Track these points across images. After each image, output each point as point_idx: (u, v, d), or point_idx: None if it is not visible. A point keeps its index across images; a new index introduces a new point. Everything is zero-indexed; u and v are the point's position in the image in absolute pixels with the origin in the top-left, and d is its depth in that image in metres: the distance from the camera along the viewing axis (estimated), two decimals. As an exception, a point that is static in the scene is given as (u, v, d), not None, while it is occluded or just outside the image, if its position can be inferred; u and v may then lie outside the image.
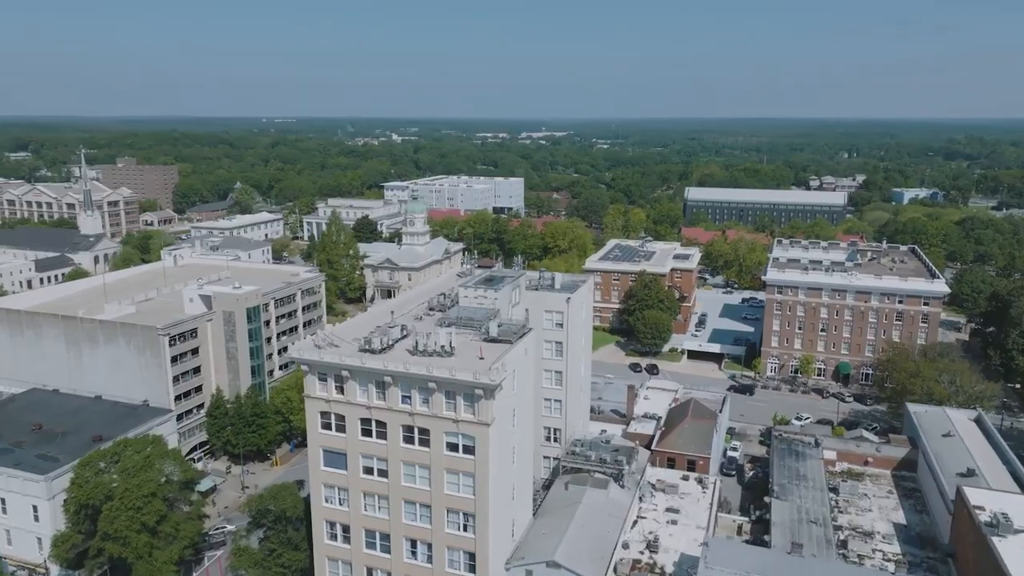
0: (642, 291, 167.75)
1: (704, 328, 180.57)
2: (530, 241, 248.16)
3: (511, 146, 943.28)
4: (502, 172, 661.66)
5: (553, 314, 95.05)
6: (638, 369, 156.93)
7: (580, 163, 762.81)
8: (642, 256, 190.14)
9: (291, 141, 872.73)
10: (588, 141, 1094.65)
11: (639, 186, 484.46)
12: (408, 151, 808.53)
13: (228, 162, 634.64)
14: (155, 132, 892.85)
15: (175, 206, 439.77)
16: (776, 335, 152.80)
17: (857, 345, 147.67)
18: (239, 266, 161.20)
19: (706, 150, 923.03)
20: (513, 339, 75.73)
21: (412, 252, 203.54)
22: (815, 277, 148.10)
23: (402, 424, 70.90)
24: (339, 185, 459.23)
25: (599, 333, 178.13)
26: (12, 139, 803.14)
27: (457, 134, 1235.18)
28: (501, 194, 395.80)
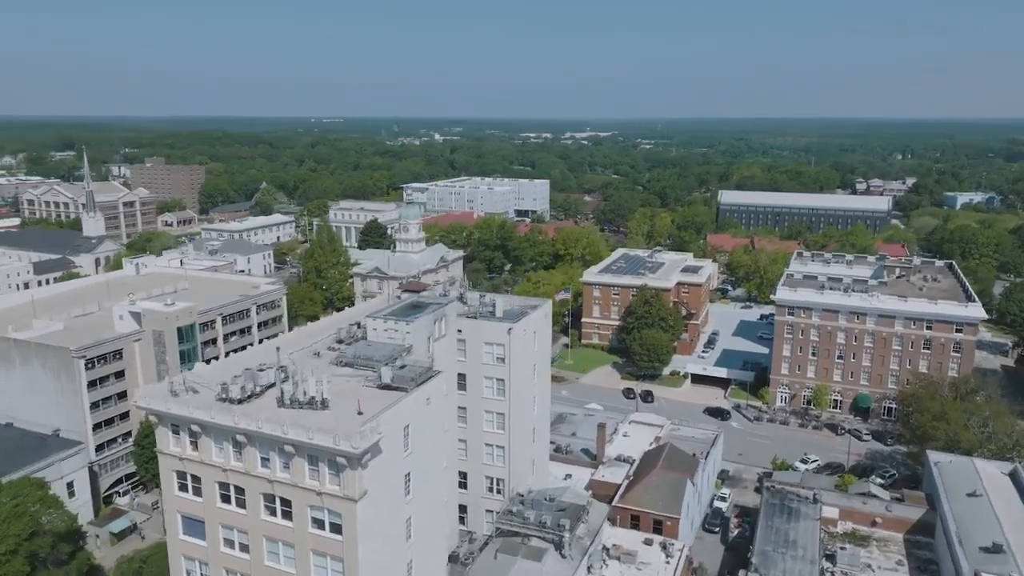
0: (641, 308, 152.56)
1: (713, 348, 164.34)
2: (539, 248, 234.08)
3: (551, 146, 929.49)
4: (538, 173, 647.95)
5: (493, 347, 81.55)
6: (631, 395, 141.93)
7: (620, 164, 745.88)
8: (648, 268, 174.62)
9: (330, 141, 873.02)
10: (631, 141, 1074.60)
11: (675, 188, 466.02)
12: (445, 151, 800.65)
13: (262, 162, 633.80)
14: (197, 132, 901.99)
15: (201, 206, 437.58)
16: (787, 361, 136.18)
17: (879, 375, 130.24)
18: (204, 276, 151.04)
19: (752, 151, 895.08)
20: (410, 386, 62.38)
21: (404, 260, 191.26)
22: (831, 298, 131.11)
23: (262, 492, 58.18)
24: (364, 186, 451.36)
25: (596, 352, 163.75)
26: (59, 139, 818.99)
27: (500, 134, 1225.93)
28: (525, 196, 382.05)
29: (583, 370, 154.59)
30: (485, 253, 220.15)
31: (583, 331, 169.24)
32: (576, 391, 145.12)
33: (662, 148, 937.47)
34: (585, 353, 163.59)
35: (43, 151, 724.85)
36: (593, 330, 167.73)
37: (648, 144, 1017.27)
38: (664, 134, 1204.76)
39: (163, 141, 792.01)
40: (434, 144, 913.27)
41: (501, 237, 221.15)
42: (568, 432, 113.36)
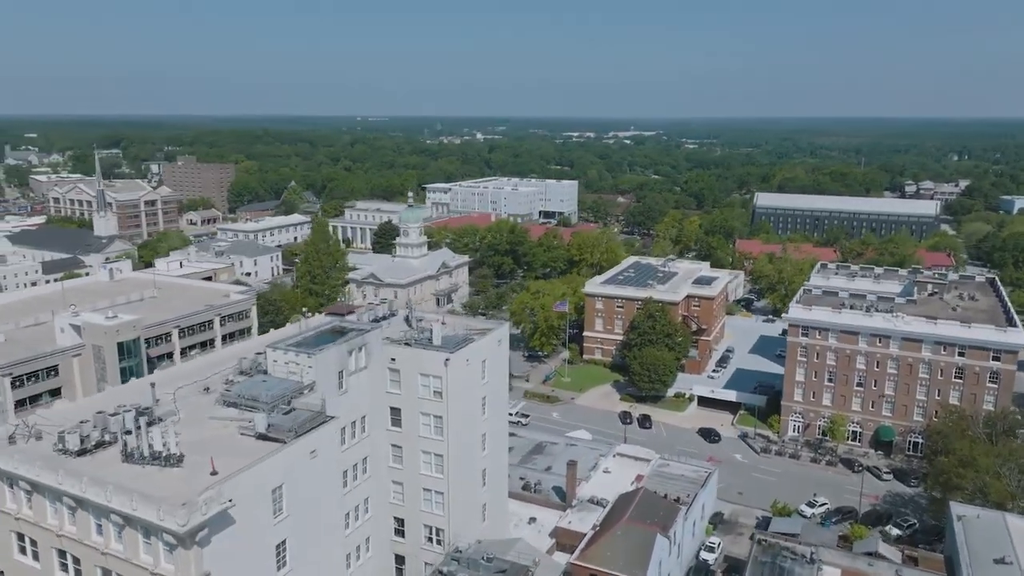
0: (645, 323, 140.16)
1: (726, 367, 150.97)
2: (553, 253, 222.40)
3: (592, 145, 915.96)
4: (575, 172, 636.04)
5: (430, 379, 70.90)
6: (627, 420, 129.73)
7: (660, 164, 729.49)
8: (659, 278, 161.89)
9: (369, 139, 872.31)
10: (675, 141, 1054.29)
11: (713, 190, 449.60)
12: (482, 150, 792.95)
13: (297, 160, 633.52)
14: (239, 130, 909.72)
15: (230, 205, 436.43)
16: (800, 387, 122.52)
17: (903, 406, 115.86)
18: (178, 283, 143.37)
19: (800, 151, 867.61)
20: (288, 437, 52.22)
21: (403, 266, 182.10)
22: (850, 318, 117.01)
23: (97, 565, 48.60)
24: (392, 185, 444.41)
25: (598, 370, 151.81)
26: (105, 136, 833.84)
27: (542, 134, 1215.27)
28: (552, 197, 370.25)
29: (580, 389, 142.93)
30: (494, 258, 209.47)
31: (585, 346, 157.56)
32: (568, 413, 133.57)
33: (706, 148, 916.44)
34: (585, 370, 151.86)
35: (89, 149, 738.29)
36: (596, 345, 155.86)
37: (692, 144, 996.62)
38: (710, 133, 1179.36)
39: (205, 139, 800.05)
40: (472, 143, 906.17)
41: (511, 242, 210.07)
42: (543, 465, 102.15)
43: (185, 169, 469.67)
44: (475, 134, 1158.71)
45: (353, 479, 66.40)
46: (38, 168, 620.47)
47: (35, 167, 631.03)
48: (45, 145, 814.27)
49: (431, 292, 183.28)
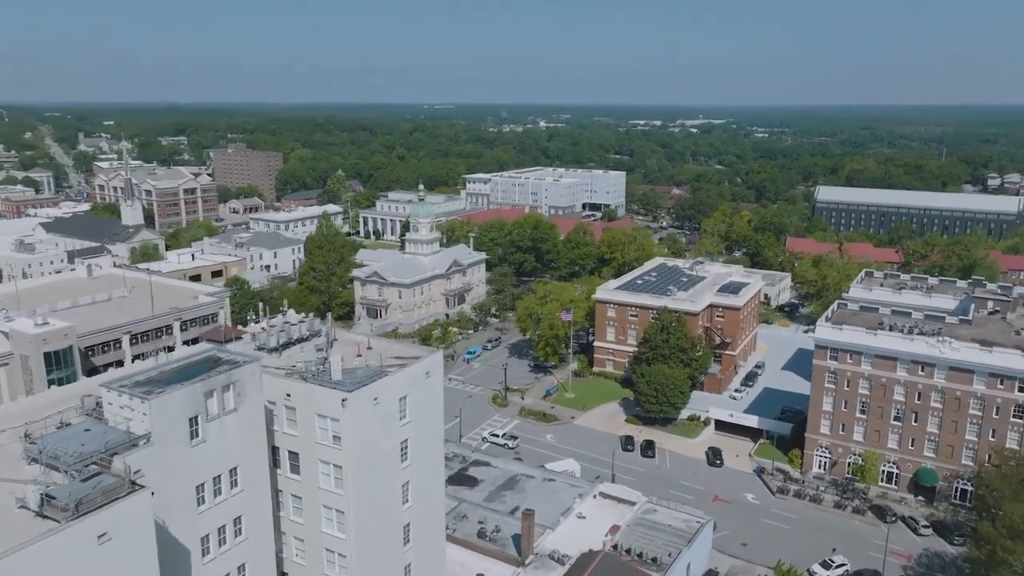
0: (657, 335, 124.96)
1: (752, 385, 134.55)
2: (582, 251, 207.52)
3: (655, 134, 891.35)
4: (634, 162, 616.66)
5: (327, 421, 58.87)
6: (629, 446, 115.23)
7: (725, 154, 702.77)
8: (682, 283, 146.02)
9: (428, 127, 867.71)
10: (745, 130, 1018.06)
11: (775, 182, 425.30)
12: (541, 139, 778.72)
13: (351, 149, 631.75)
14: (301, 118, 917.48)
15: (278, 193, 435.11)
16: (827, 418, 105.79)
17: (949, 447, 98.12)
18: (156, 282, 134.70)
19: (877, 140, 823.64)
20: (64, 519, 40.71)
21: (411, 264, 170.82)
22: (888, 341, 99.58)
23: None
24: (438, 175, 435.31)
25: (607, 384, 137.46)
26: (173, 124, 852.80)
27: (607, 122, 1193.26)
28: (597, 189, 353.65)
29: (583, 407, 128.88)
30: (515, 255, 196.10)
31: (595, 357, 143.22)
32: (564, 436, 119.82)
33: (776, 137, 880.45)
34: (593, 385, 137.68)
35: (157, 136, 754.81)
36: (607, 356, 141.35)
37: (762, 133, 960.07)
38: (782, 122, 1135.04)
39: (267, 127, 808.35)
40: (532, 131, 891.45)
41: (534, 238, 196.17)
42: (512, 505, 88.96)
43: (235, 157, 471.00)
44: (538, 122, 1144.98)
45: (219, 545, 54.83)
46: (105, 155, 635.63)
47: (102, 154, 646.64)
48: (117, 132, 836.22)
49: (441, 292, 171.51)
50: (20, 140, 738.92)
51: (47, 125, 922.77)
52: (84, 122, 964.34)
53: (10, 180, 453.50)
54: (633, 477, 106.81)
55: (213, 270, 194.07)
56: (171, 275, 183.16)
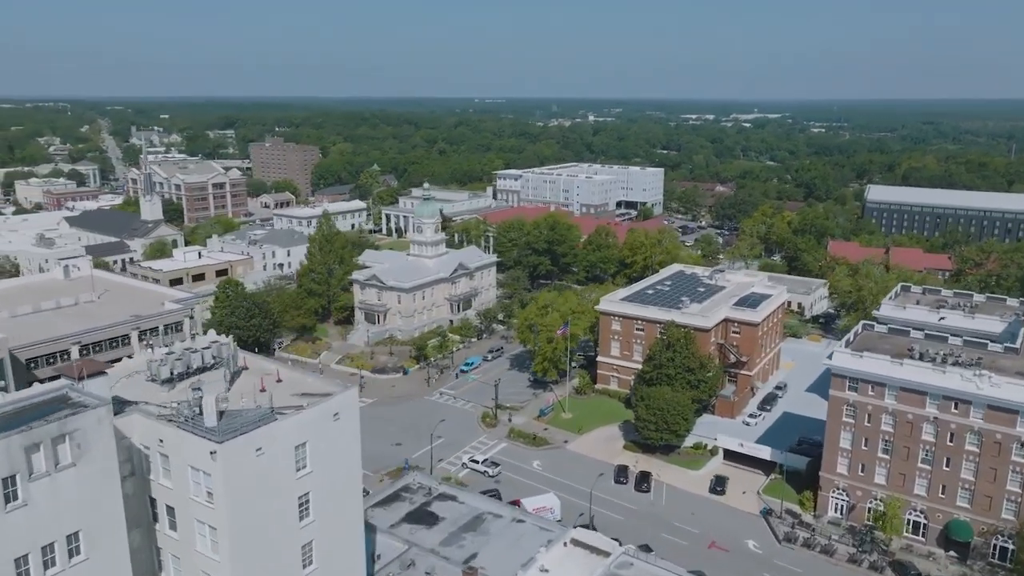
0: (662, 353, 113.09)
1: (770, 410, 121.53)
2: (603, 253, 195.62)
3: (706, 129, 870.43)
4: (681, 157, 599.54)
5: (200, 474, 49.65)
6: (623, 478, 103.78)
7: (777, 149, 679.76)
8: (698, 294, 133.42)
9: (473, 122, 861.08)
10: (801, 124, 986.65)
11: (825, 180, 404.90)
12: (586, 133, 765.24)
13: (392, 143, 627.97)
14: (348, 112, 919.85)
15: (313, 187, 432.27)
16: (845, 457, 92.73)
17: (987, 497, 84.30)
18: (132, 285, 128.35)
19: (941, 136, 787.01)
20: None
21: (413, 266, 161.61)
22: (914, 372, 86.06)
23: None
24: (473, 170, 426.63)
25: (609, 404, 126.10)
26: (222, 117, 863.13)
27: (658, 116, 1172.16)
28: (633, 186, 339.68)
29: (579, 429, 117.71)
30: (530, 258, 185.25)
31: (598, 373, 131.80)
32: (553, 462, 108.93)
33: (833, 132, 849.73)
34: (594, 404, 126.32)
35: (205, 130, 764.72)
36: (611, 373, 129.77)
37: (819, 128, 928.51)
38: (841, 116, 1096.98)
39: (313, 120, 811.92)
40: (579, 126, 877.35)
41: (549, 239, 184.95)
42: (469, 551, 78.69)
43: (272, 151, 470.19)
44: (588, 116, 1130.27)
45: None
46: (153, 148, 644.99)
47: (151, 147, 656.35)
48: (169, 126, 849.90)
49: (444, 296, 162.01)
50: (76, 133, 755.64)
51: (107, 119, 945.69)
52: (141, 116, 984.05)
53: (57, 172, 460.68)
54: (622, 515, 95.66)
55: (218, 269, 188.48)
56: (173, 274, 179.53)
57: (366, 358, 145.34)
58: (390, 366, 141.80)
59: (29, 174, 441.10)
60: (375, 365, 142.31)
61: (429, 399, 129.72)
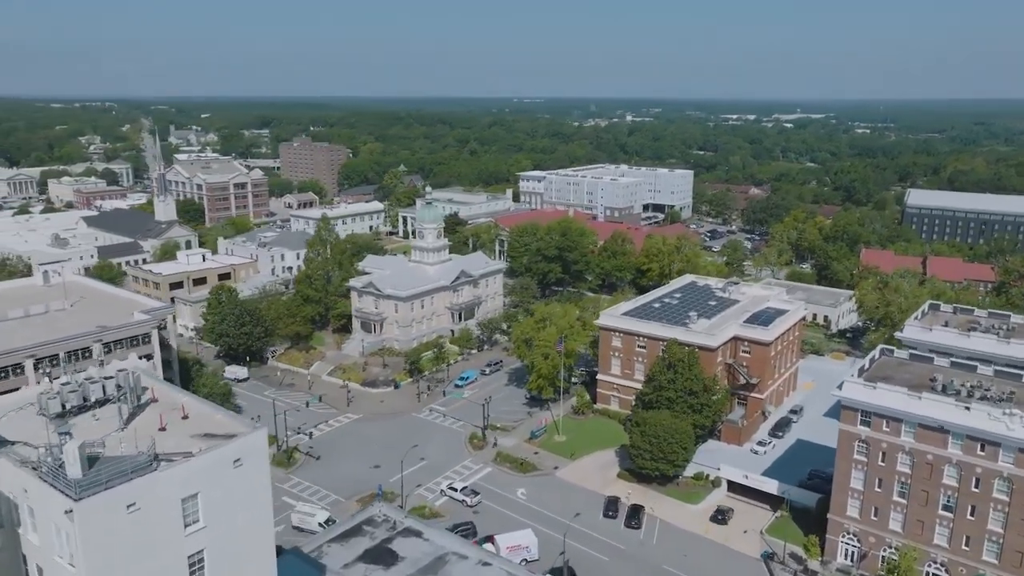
0: (663, 375, 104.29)
1: (783, 436, 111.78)
2: (618, 261, 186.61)
3: (745, 129, 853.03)
4: (718, 158, 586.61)
5: (63, 533, 43.00)
6: (612, 511, 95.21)
7: (818, 151, 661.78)
8: (708, 309, 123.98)
9: (508, 121, 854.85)
10: (845, 125, 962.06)
11: (866, 183, 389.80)
12: (621, 134, 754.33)
13: (423, 143, 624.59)
14: (383, 111, 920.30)
15: (340, 187, 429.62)
16: (856, 498, 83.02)
17: (1017, 553, 73.98)
18: (110, 293, 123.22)
19: (993, 137, 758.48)
20: None
21: (414, 274, 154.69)
22: (934, 408, 76.09)
23: None
24: (499, 171, 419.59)
25: (608, 426, 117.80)
26: (258, 117, 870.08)
27: (698, 116, 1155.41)
28: (661, 188, 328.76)
29: (572, 454, 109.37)
30: (539, 265, 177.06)
31: (598, 392, 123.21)
32: (539, 491, 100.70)
33: (878, 133, 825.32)
34: (592, 426, 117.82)
35: (240, 129, 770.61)
36: (611, 392, 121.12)
37: (864, 128, 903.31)
38: (887, 116, 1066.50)
39: (347, 120, 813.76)
40: (614, 126, 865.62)
41: (560, 246, 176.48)
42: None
43: (300, 151, 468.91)
44: (625, 116, 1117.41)
45: None
46: (189, 147, 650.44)
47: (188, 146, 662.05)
48: (207, 125, 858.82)
49: (445, 305, 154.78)
50: (116, 132, 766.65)
51: (149, 118, 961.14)
52: (183, 115, 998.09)
53: (90, 172, 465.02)
54: (607, 555, 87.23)
55: (220, 273, 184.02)
56: (173, 278, 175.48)
57: (358, 369, 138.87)
58: (381, 379, 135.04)
59: (63, 173, 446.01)
60: (366, 377, 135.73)
61: (417, 416, 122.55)
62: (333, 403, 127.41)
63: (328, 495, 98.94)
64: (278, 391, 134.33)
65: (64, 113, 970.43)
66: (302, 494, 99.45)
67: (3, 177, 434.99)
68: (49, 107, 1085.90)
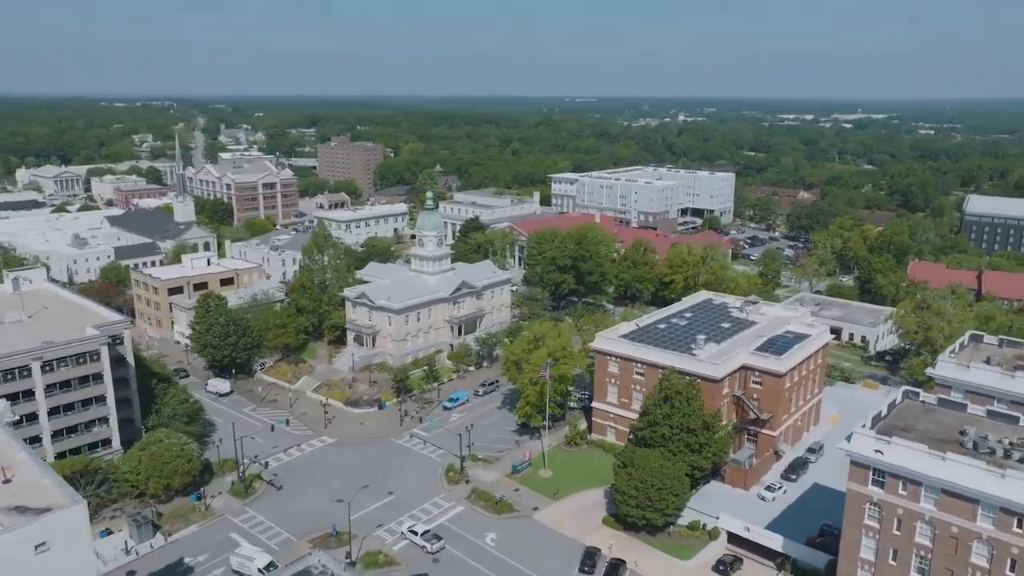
0: (658, 409, 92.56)
1: (798, 478, 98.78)
2: (639, 271, 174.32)
3: (801, 130, 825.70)
4: (770, 160, 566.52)
5: None
6: (588, 566, 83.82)
7: (877, 152, 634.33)
8: (720, 332, 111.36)
9: (554, 121, 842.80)
10: (908, 125, 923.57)
11: (923, 187, 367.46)
12: (669, 134, 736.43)
13: (466, 143, 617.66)
14: (430, 111, 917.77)
15: (375, 187, 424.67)
16: (867, 570, 70.14)
17: (1061, 653, 60.51)
18: (78, 304, 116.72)
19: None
20: None
21: (411, 284, 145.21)
22: (961, 473, 62.97)
23: None
24: (535, 172, 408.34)
25: (601, 460, 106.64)
26: (307, 117, 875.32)
27: (753, 115, 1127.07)
28: (700, 192, 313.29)
29: (555, 493, 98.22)
30: (552, 275, 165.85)
31: (594, 421, 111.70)
32: (512, 536, 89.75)
33: (943, 134, 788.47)
34: (582, 460, 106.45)
35: (288, 128, 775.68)
36: (607, 422, 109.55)
37: (928, 129, 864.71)
38: (953, 116, 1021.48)
39: (393, 119, 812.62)
40: (663, 126, 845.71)
41: (574, 255, 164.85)
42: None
43: (337, 150, 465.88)
44: (678, 116, 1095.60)
45: None
46: (235, 146, 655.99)
47: (233, 144, 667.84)
48: (259, 124, 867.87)
49: (444, 318, 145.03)
50: (167, 131, 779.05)
51: (204, 117, 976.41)
52: (238, 114, 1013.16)
53: (134, 170, 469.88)
54: (574, 622, 76.12)
55: (223, 278, 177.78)
56: (172, 283, 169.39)
57: (344, 386, 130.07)
58: (366, 398, 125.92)
59: (108, 171, 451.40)
60: (351, 396, 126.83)
61: (396, 442, 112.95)
62: (310, 424, 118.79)
63: (280, 533, 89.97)
64: (259, 407, 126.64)
65: (123, 112, 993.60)
66: (253, 530, 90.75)
67: (50, 175, 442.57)
68: (112, 106, 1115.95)
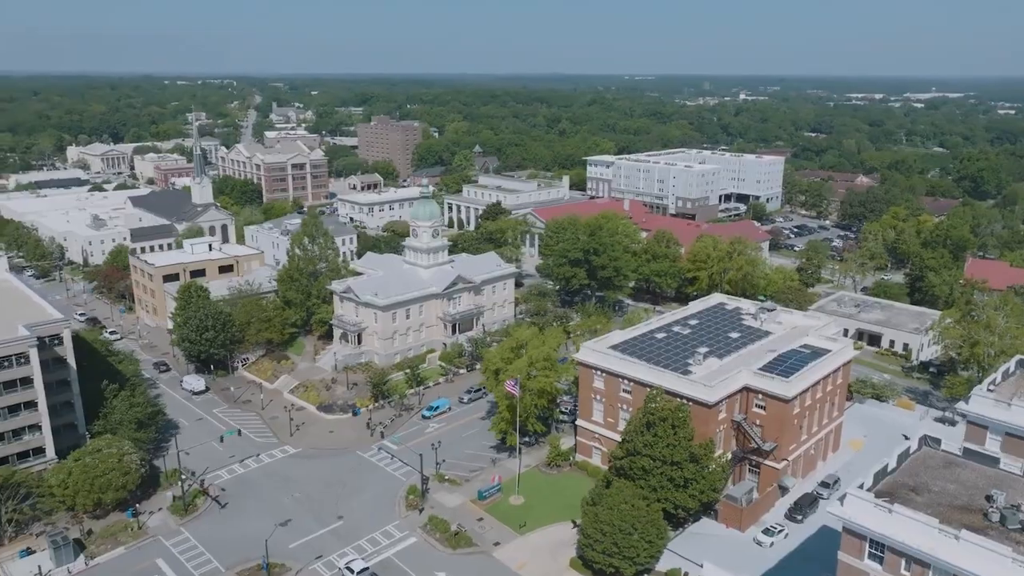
0: (639, 436, 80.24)
1: (804, 518, 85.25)
2: (659, 265, 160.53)
3: (867, 110, 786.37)
4: (831, 142, 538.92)
5: None
6: (542, 623, 72.58)
7: (949, 134, 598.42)
8: (727, 344, 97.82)
9: (607, 100, 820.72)
10: (985, 105, 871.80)
11: (995, 172, 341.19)
12: (726, 114, 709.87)
13: (512, 122, 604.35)
14: (481, 89, 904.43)
15: (414, 167, 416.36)
16: (862, 661, 57.00)
17: None
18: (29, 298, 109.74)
19: None
20: None
21: (405, 278, 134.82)
22: (980, 557, 49.29)
23: None
24: (575, 154, 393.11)
25: (587, 484, 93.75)
26: (358, 95, 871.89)
27: (819, 94, 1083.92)
28: (746, 177, 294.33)
29: (522, 524, 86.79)
30: (562, 269, 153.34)
31: (579, 441, 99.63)
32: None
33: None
34: (561, 484, 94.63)
35: (338, 107, 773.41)
36: (592, 443, 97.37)
37: (1008, 109, 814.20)
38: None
39: (443, 98, 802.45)
40: (721, 105, 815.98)
41: (586, 247, 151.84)
42: None
43: (377, 130, 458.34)
44: (739, 95, 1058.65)
45: None
46: (282, 124, 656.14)
47: (283, 123, 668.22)
48: (311, 102, 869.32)
49: (438, 315, 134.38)
50: (222, 109, 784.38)
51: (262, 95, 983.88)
52: (294, 92, 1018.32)
53: (179, 148, 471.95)
54: None
55: (221, 265, 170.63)
56: (167, 270, 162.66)
57: (323, 388, 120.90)
58: (340, 403, 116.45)
59: (152, 149, 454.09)
60: (326, 399, 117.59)
61: (363, 456, 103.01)
62: (277, 430, 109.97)
63: (209, 561, 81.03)
64: (230, 408, 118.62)
65: (182, 90, 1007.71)
66: (182, 556, 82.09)
67: (96, 153, 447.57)
68: (175, 84, 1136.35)
